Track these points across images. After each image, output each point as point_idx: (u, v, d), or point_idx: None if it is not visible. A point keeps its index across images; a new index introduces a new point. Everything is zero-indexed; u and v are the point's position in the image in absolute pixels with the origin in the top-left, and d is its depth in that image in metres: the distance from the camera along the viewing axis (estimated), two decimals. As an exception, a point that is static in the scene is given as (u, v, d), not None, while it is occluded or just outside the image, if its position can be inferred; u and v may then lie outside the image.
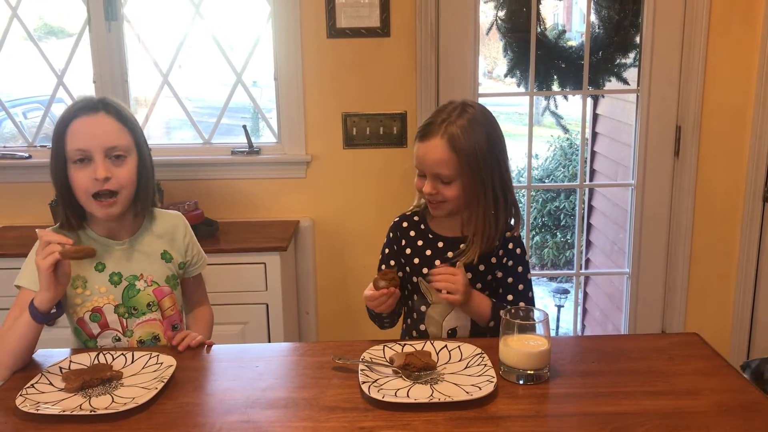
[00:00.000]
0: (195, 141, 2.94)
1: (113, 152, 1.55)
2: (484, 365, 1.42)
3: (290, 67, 2.75)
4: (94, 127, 1.55)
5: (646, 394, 1.33)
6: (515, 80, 3.05)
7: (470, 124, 1.60)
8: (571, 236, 6.26)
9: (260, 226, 2.76)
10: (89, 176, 1.54)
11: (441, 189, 1.62)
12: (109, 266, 1.64)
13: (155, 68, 2.84)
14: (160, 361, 1.47)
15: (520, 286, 1.71)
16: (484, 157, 1.61)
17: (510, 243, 1.70)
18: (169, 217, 1.76)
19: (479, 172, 1.61)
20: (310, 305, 2.91)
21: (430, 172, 1.62)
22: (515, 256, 1.70)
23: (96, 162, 1.53)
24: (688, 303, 2.89)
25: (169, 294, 1.70)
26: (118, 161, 1.56)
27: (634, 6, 2.85)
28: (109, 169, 1.54)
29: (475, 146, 1.59)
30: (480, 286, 1.69)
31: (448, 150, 1.59)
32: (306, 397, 1.35)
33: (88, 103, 1.58)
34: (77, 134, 1.54)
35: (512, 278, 1.71)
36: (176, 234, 1.73)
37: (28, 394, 1.33)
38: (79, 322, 1.64)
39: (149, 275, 1.67)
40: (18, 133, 2.99)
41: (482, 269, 1.69)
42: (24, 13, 2.80)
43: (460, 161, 1.59)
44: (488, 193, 1.63)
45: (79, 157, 1.54)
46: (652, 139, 2.80)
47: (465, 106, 1.64)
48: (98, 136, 1.54)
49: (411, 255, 1.74)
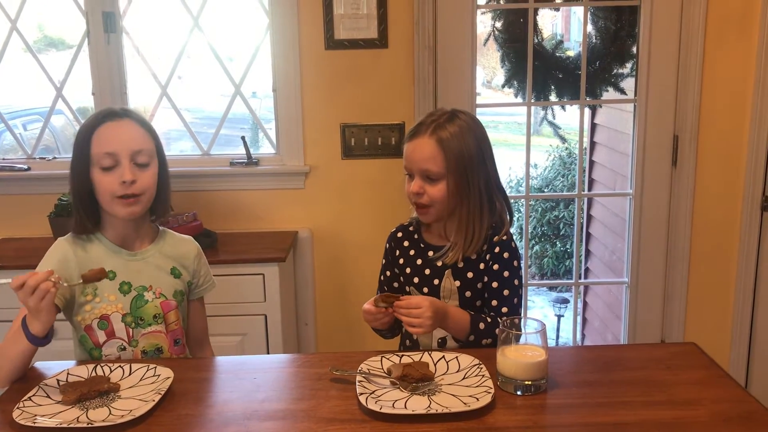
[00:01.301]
0: (194, 152, 2.94)
1: (138, 157, 1.60)
2: (481, 376, 1.42)
3: (289, 79, 2.76)
4: (121, 130, 1.61)
5: (644, 405, 1.33)
6: (513, 90, 3.05)
7: (459, 128, 1.64)
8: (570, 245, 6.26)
9: (259, 236, 2.76)
10: (116, 180, 1.58)
11: (427, 189, 1.64)
12: (119, 275, 1.66)
13: (154, 80, 2.85)
14: (158, 373, 1.47)
15: (505, 291, 1.68)
16: (472, 159, 1.63)
17: (497, 247, 1.69)
18: (182, 242, 1.78)
19: (466, 173, 1.63)
20: (309, 316, 2.91)
21: (418, 169, 1.64)
22: (501, 260, 1.68)
23: (123, 165, 1.58)
24: (687, 312, 2.88)
25: (175, 308, 1.71)
26: (143, 167, 1.61)
27: (631, 16, 2.86)
28: (134, 173, 1.59)
29: (462, 148, 1.62)
30: (469, 294, 1.69)
31: (436, 147, 1.62)
32: (304, 408, 1.35)
33: (112, 110, 1.64)
34: (105, 138, 1.59)
35: (497, 283, 1.68)
36: (186, 260, 1.76)
37: (26, 407, 1.33)
38: (87, 329, 1.65)
39: (158, 288, 1.68)
40: (17, 145, 3.00)
41: (470, 276, 1.69)
42: (23, 25, 2.82)
43: (448, 159, 1.61)
44: (473, 196, 1.65)
45: (108, 162, 1.58)
46: (650, 149, 2.81)
47: (455, 113, 1.67)
48: (125, 140, 1.60)
49: (403, 264, 1.77)
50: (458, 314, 1.64)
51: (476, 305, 1.71)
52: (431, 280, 1.72)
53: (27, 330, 1.49)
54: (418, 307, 1.54)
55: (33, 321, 1.48)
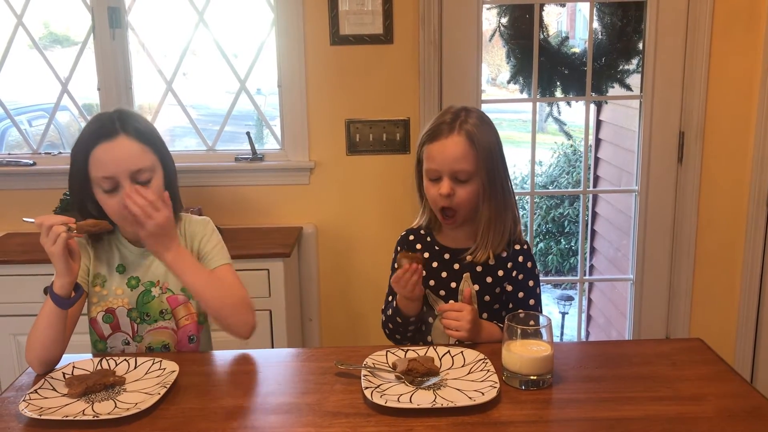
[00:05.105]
0: (199, 148, 2.95)
1: (138, 176, 1.54)
2: (487, 371, 1.42)
3: (294, 74, 2.76)
4: (116, 153, 1.53)
5: (649, 400, 1.33)
6: (518, 87, 3.05)
7: (481, 122, 1.63)
8: (575, 243, 6.26)
9: (264, 232, 2.76)
10: (119, 202, 1.53)
11: (457, 190, 1.61)
12: (129, 269, 1.65)
13: (159, 76, 2.86)
14: (163, 367, 1.47)
15: (531, 301, 1.70)
16: (496, 154, 1.63)
17: (520, 256, 1.69)
18: (193, 224, 1.72)
19: (494, 169, 1.62)
20: (314, 312, 2.91)
21: (449, 169, 1.61)
22: (526, 270, 1.69)
23: (125, 188, 1.53)
24: (693, 309, 2.88)
25: (185, 303, 1.68)
26: (145, 184, 1.55)
27: (637, 12, 2.85)
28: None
29: (489, 143, 1.62)
30: (488, 299, 1.69)
31: (468, 144, 1.60)
32: (309, 402, 1.35)
33: (105, 125, 1.55)
34: (101, 162, 1.54)
35: (523, 293, 1.70)
36: (194, 241, 1.70)
37: (32, 400, 1.34)
38: (92, 322, 1.65)
39: (165, 283, 1.67)
40: (23, 140, 3.01)
41: (489, 281, 1.69)
42: (29, 21, 2.82)
43: (479, 156, 1.60)
44: (498, 193, 1.64)
45: (108, 185, 1.54)
46: (656, 146, 2.80)
47: (468, 109, 1.66)
48: (122, 162, 1.53)
49: None
50: (491, 327, 1.64)
51: (494, 309, 1.71)
52: (448, 283, 1.71)
53: (53, 294, 1.48)
54: (460, 311, 1.56)
55: (59, 277, 1.47)
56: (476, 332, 1.58)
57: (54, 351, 1.51)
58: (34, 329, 1.51)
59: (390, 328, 1.75)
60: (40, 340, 1.49)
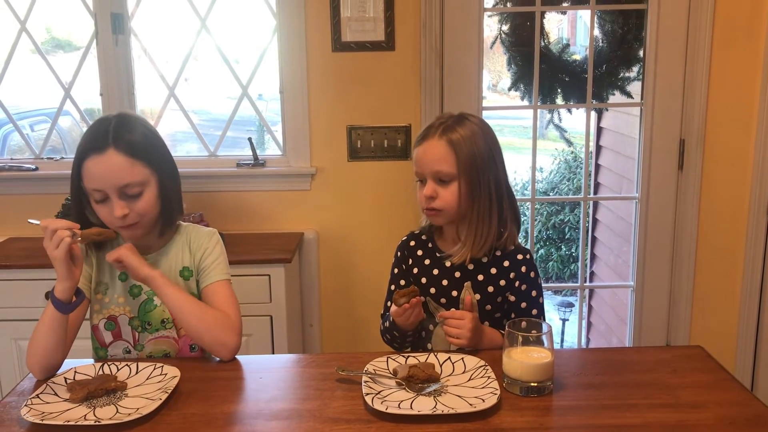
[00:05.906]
0: (201, 153, 2.95)
1: (127, 189, 1.53)
2: (487, 377, 1.42)
3: (296, 81, 2.77)
4: (104, 167, 1.52)
5: (650, 407, 1.33)
6: (519, 93, 3.06)
7: (470, 130, 1.64)
8: (576, 249, 6.25)
9: (265, 238, 2.77)
10: (110, 212, 1.54)
11: (440, 191, 1.63)
12: (131, 278, 1.64)
13: (161, 81, 2.87)
14: (165, 372, 1.47)
15: (533, 311, 1.70)
16: (483, 160, 1.63)
17: (523, 266, 1.70)
18: (200, 236, 1.71)
19: (477, 173, 1.62)
20: (314, 317, 2.92)
21: (429, 171, 1.63)
22: (528, 280, 1.70)
23: (112, 200, 1.53)
24: (693, 316, 2.88)
25: None
26: (134, 197, 1.55)
27: (638, 20, 2.86)
28: (125, 207, 1.53)
29: (473, 148, 1.62)
30: (490, 308, 1.69)
31: (447, 147, 1.62)
32: (309, 408, 1.35)
33: (98, 136, 1.54)
34: (90, 175, 1.53)
35: (526, 303, 1.70)
36: (197, 253, 1.69)
37: (33, 405, 1.34)
38: (94, 329, 1.65)
39: None
40: (25, 145, 3.02)
41: (491, 290, 1.69)
42: (32, 26, 2.83)
43: (459, 160, 1.61)
44: (484, 198, 1.64)
45: (98, 196, 1.54)
46: (656, 153, 2.81)
47: (463, 116, 1.67)
48: (110, 177, 1.52)
49: (418, 274, 1.74)
50: (493, 334, 1.65)
51: (496, 317, 1.71)
52: (449, 291, 1.70)
53: (54, 298, 1.48)
54: (461, 319, 1.57)
55: (60, 281, 1.47)
56: (477, 340, 1.59)
57: (55, 357, 1.51)
58: (35, 335, 1.51)
59: (388, 338, 1.76)
60: (41, 345, 1.49)
